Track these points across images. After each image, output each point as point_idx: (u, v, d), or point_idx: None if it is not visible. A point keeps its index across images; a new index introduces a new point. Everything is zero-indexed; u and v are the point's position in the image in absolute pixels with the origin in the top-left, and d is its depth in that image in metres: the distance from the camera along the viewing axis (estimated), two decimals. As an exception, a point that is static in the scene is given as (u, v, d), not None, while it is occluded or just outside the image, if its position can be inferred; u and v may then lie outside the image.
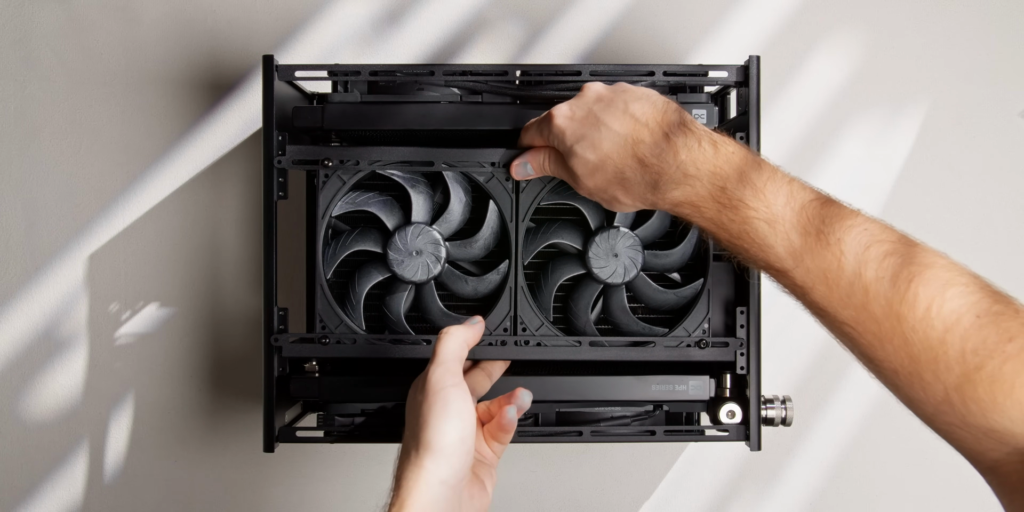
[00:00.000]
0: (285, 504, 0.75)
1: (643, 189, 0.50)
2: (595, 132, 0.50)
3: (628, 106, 0.50)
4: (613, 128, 0.50)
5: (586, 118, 0.51)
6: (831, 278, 0.44)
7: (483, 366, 0.58)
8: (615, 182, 0.51)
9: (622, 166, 0.49)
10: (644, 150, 0.49)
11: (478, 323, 0.54)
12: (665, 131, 0.49)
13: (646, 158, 0.49)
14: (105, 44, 0.75)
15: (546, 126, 0.53)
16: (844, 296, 0.44)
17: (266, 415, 0.58)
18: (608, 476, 0.75)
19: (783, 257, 0.46)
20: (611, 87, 0.52)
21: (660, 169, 0.48)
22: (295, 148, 0.58)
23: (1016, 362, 0.39)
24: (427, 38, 0.75)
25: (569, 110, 0.52)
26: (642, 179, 0.49)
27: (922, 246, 0.44)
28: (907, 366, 0.42)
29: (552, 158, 0.55)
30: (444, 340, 0.50)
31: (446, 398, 0.47)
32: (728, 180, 0.47)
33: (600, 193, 0.52)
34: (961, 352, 0.40)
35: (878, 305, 0.42)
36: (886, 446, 0.75)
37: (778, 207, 0.46)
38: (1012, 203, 0.75)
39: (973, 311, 0.40)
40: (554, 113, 0.52)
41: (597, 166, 0.50)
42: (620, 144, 0.49)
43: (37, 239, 0.75)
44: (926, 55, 0.76)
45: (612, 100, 0.51)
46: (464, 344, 0.51)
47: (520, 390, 0.51)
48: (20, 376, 0.75)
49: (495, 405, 0.52)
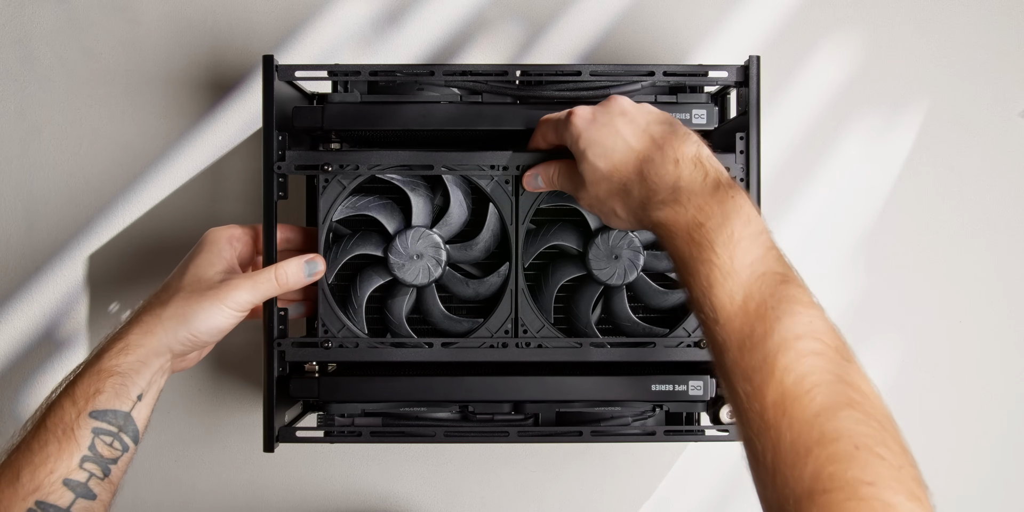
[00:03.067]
0: (285, 504, 0.75)
1: (636, 205, 0.50)
2: (611, 141, 0.51)
3: (649, 126, 0.51)
4: (630, 142, 0.51)
5: (606, 126, 0.52)
6: (747, 348, 0.43)
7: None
8: (617, 194, 0.51)
9: (627, 179, 0.50)
10: (649, 168, 0.49)
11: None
12: (676, 157, 0.49)
13: (648, 175, 0.49)
14: (105, 44, 0.75)
15: (564, 126, 0.53)
16: (750, 370, 0.42)
17: (266, 415, 0.58)
18: (608, 476, 0.75)
19: (718, 309, 0.44)
20: (638, 105, 0.53)
21: (656, 187, 0.49)
22: (295, 153, 0.58)
23: (859, 505, 0.37)
24: (427, 38, 0.75)
25: (591, 115, 0.53)
26: (639, 194, 0.50)
27: (855, 365, 0.42)
28: (771, 458, 0.40)
29: (561, 171, 0.55)
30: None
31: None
32: (711, 219, 0.46)
33: (600, 205, 0.53)
34: (818, 471, 0.38)
35: (774, 392, 0.41)
36: (886, 446, 0.75)
37: (741, 264, 0.45)
38: (1012, 203, 0.75)
39: (856, 442, 0.39)
40: (576, 114, 0.53)
41: (605, 176, 0.51)
42: (632, 158, 0.50)
43: (37, 239, 0.75)
44: (926, 55, 0.76)
45: (635, 117, 0.52)
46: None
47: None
48: (20, 376, 0.75)
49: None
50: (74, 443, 0.47)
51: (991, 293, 0.75)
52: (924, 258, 0.75)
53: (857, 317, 0.75)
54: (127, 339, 0.51)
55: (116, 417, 0.49)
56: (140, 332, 0.51)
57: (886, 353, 0.75)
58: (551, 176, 0.56)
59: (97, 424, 0.48)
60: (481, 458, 0.75)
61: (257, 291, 0.54)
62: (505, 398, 0.59)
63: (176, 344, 0.52)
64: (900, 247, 0.75)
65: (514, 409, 0.61)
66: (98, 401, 0.49)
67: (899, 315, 0.75)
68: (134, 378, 0.50)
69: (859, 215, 0.75)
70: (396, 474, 0.75)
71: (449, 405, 0.61)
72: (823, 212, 0.75)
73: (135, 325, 0.52)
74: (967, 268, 0.75)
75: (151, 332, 0.51)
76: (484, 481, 0.75)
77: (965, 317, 0.75)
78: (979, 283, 0.75)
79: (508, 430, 0.59)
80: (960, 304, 0.75)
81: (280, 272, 0.55)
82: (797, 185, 0.75)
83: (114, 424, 0.49)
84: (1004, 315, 0.75)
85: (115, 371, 0.50)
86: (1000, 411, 0.75)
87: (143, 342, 0.51)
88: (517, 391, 0.59)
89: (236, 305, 0.53)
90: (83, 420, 0.48)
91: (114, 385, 0.49)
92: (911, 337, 0.75)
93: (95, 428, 0.48)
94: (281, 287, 0.55)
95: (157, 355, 0.51)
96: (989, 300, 0.75)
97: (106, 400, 0.49)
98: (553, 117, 0.55)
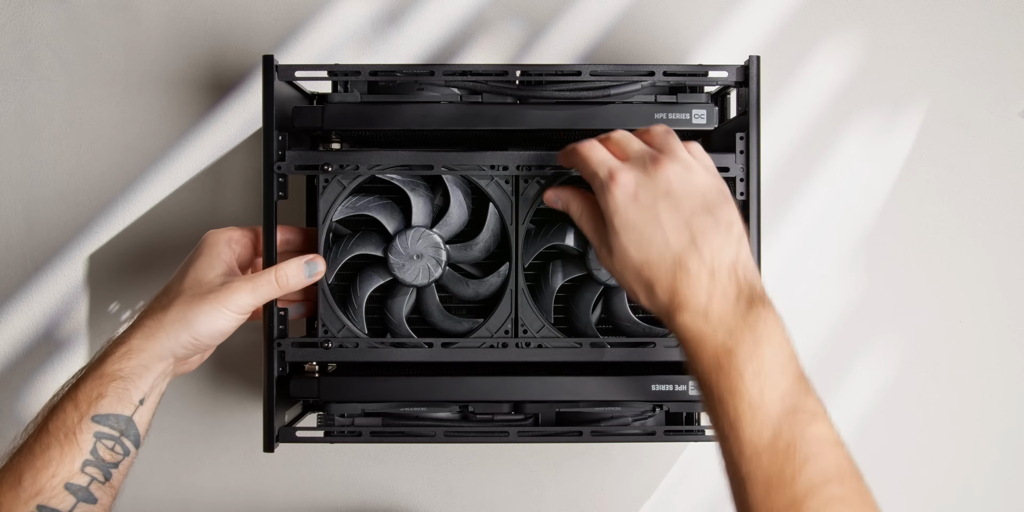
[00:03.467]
0: (285, 504, 0.75)
1: (661, 305, 0.48)
2: (649, 232, 0.47)
3: (693, 217, 0.47)
4: (668, 238, 0.47)
5: (647, 210, 0.48)
6: (774, 488, 0.43)
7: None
8: (642, 285, 0.49)
9: (656, 278, 0.47)
10: (683, 277, 0.47)
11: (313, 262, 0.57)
12: (713, 267, 0.46)
13: (680, 284, 0.47)
14: (105, 44, 0.75)
15: (603, 189, 0.49)
16: (771, 504, 0.43)
17: (266, 415, 0.58)
18: (608, 476, 0.75)
19: (744, 443, 0.44)
20: (686, 178, 0.48)
21: (686, 300, 0.46)
22: (295, 153, 0.58)
23: None
24: (427, 38, 0.75)
25: (634, 186, 0.48)
26: (665, 298, 0.47)
27: (872, 507, 0.43)
28: None
29: (589, 216, 0.52)
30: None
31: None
32: (741, 346, 0.45)
33: (619, 278, 0.50)
34: None
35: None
36: (886, 446, 0.75)
37: (772, 398, 0.44)
38: (1012, 203, 0.75)
39: None
40: (618, 183, 0.48)
41: (634, 265, 0.48)
42: (667, 259, 0.47)
43: (37, 239, 0.75)
44: (926, 55, 0.76)
45: (680, 202, 0.48)
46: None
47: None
48: (20, 376, 0.75)
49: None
50: (76, 447, 0.47)
51: (991, 293, 0.75)
52: (924, 258, 0.75)
53: (857, 317, 0.75)
54: (129, 343, 0.51)
55: (118, 421, 0.49)
56: (142, 336, 0.51)
57: (886, 353, 0.75)
58: (577, 214, 0.53)
59: (99, 428, 0.48)
60: (481, 458, 0.75)
61: (257, 293, 0.54)
62: (505, 398, 0.59)
63: (179, 348, 0.52)
64: (900, 247, 0.75)
65: (514, 409, 0.61)
66: (100, 405, 0.49)
67: (899, 315, 0.75)
68: (136, 382, 0.50)
69: (859, 215, 0.75)
70: (396, 474, 0.75)
71: (449, 405, 0.61)
72: (823, 212, 0.75)
73: (137, 329, 0.52)
74: (967, 268, 0.75)
75: (153, 336, 0.51)
76: (484, 481, 0.75)
77: (965, 317, 0.75)
78: (979, 283, 0.75)
79: (508, 430, 0.59)
80: (960, 304, 0.75)
81: (280, 273, 0.55)
82: (797, 185, 0.75)
83: (116, 428, 0.49)
84: (1004, 315, 0.75)
85: (118, 375, 0.50)
86: (1000, 411, 0.75)
87: (145, 346, 0.51)
88: (517, 391, 0.59)
89: (237, 307, 0.53)
90: (85, 424, 0.48)
91: (116, 389, 0.49)
92: (911, 337, 0.75)
93: (97, 432, 0.48)
94: (281, 288, 0.55)
95: (160, 359, 0.51)
96: (989, 300, 0.75)
97: (108, 404, 0.49)
98: (592, 160, 0.50)
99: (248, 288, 0.53)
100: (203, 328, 0.52)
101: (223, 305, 0.52)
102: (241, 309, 0.53)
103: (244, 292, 0.53)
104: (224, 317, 0.53)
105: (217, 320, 0.52)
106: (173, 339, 0.52)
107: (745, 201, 0.58)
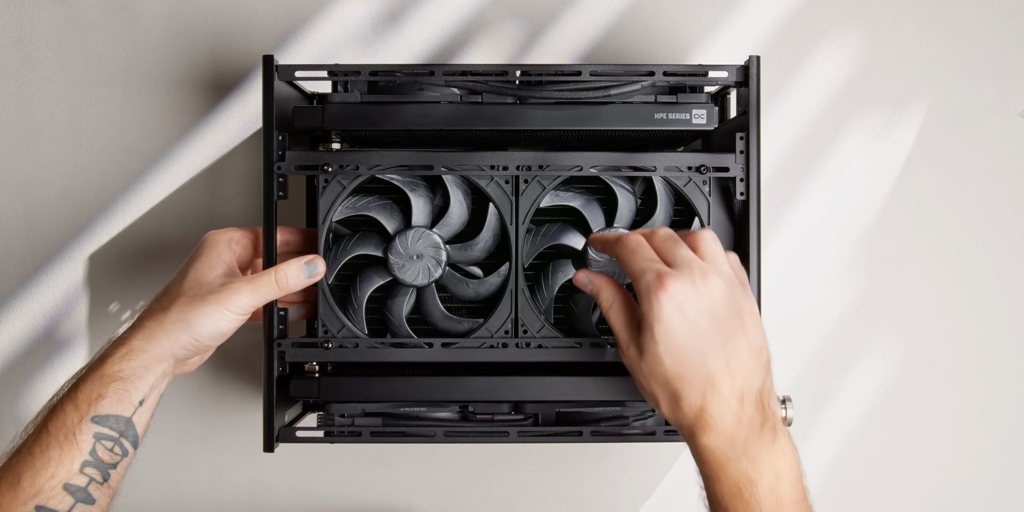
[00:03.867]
0: (285, 504, 0.75)
1: (684, 419, 0.48)
2: (688, 347, 0.47)
3: (732, 341, 0.48)
4: (706, 358, 0.47)
5: (692, 324, 0.47)
6: None
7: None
8: (667, 394, 0.48)
9: (683, 392, 0.47)
10: (713, 397, 0.47)
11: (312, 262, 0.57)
12: (743, 392, 0.47)
13: (709, 405, 0.47)
14: (105, 44, 0.75)
15: (648, 291, 0.48)
16: None
17: (266, 415, 0.58)
18: (608, 476, 0.75)
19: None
20: (732, 298, 0.48)
21: (712, 421, 0.47)
22: (295, 153, 0.58)
23: None
24: (427, 38, 0.75)
25: (682, 298, 0.47)
26: (690, 414, 0.47)
27: None
28: None
29: (621, 308, 0.51)
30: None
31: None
32: (763, 477, 0.46)
33: (641, 381, 0.50)
34: None
35: None
36: (886, 446, 0.75)
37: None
38: (1012, 203, 0.75)
39: None
40: (667, 287, 0.47)
41: (663, 374, 0.48)
42: (701, 376, 0.47)
43: (37, 239, 0.75)
44: (926, 55, 0.76)
45: (722, 324, 0.47)
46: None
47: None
48: (20, 376, 0.75)
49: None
50: (75, 448, 0.48)
51: (991, 293, 0.75)
52: (924, 258, 0.75)
53: (857, 317, 0.75)
54: (130, 344, 0.51)
55: (118, 422, 0.49)
56: (143, 337, 0.51)
57: (886, 353, 0.75)
58: (607, 304, 0.52)
59: (99, 429, 0.48)
60: (481, 458, 0.75)
61: (258, 294, 0.54)
62: (505, 398, 0.59)
63: (179, 349, 0.52)
64: (900, 247, 0.75)
65: (514, 409, 0.61)
66: (100, 406, 0.49)
67: (899, 315, 0.75)
68: (136, 383, 0.50)
69: (859, 215, 0.75)
70: (396, 474, 0.75)
71: (449, 405, 0.61)
72: (823, 212, 0.75)
73: (138, 330, 0.52)
74: (967, 268, 0.75)
75: (154, 337, 0.51)
76: (484, 481, 0.75)
77: (965, 317, 0.75)
78: (979, 283, 0.75)
79: (508, 430, 0.59)
80: (960, 304, 0.75)
81: (280, 274, 0.55)
82: (797, 185, 0.75)
83: (115, 429, 0.49)
84: (1004, 315, 0.75)
85: (118, 376, 0.50)
86: (1000, 411, 0.75)
87: (146, 347, 0.51)
88: (517, 391, 0.59)
89: (238, 308, 0.53)
90: (85, 425, 0.48)
91: (117, 390, 0.49)
92: (911, 337, 0.75)
93: (97, 433, 0.48)
94: (282, 289, 0.55)
95: (160, 360, 0.51)
96: (989, 300, 0.75)
97: (108, 405, 0.49)
98: (640, 258, 0.50)
99: (249, 289, 0.53)
100: (203, 329, 0.52)
101: (223, 306, 0.52)
102: (241, 310, 0.53)
103: (245, 293, 0.53)
104: (225, 318, 0.53)
105: (217, 321, 0.52)
106: (173, 340, 0.52)
107: (745, 201, 0.58)
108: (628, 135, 0.60)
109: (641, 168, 0.58)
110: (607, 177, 0.59)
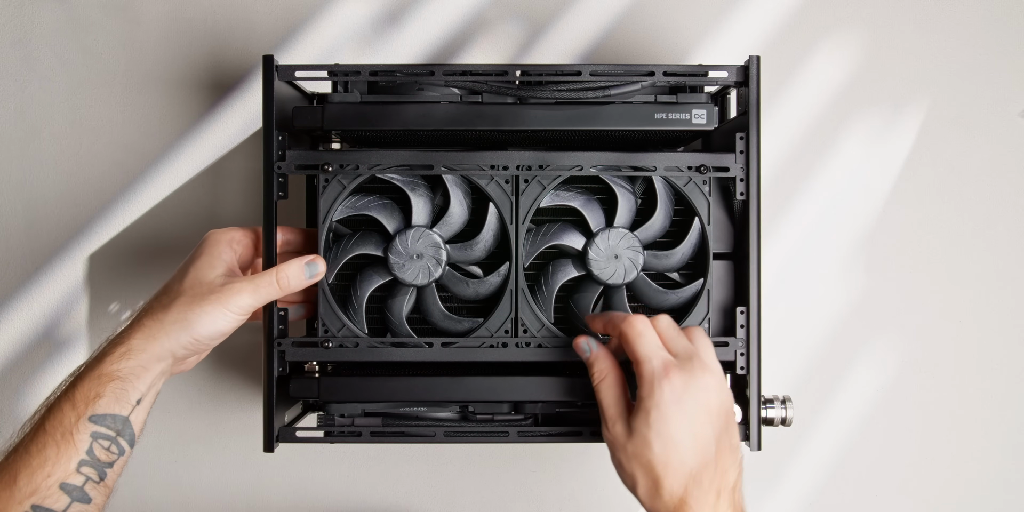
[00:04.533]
0: (285, 504, 0.75)
1: (662, 509, 0.50)
2: (680, 437, 0.50)
3: (718, 438, 0.51)
4: (696, 451, 0.50)
5: (687, 417, 0.50)
6: None
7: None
8: (648, 478, 0.51)
9: (667, 482, 0.50)
10: (694, 489, 0.49)
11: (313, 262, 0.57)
12: (719, 487, 0.50)
13: (688, 496, 0.49)
14: (105, 44, 0.75)
15: (650, 379, 0.51)
16: None
17: (266, 415, 0.58)
18: (608, 476, 0.75)
19: None
20: (720, 395, 0.51)
21: (682, 503, 0.49)
22: (295, 153, 0.58)
23: None
24: (427, 38, 0.75)
25: (682, 391, 0.50)
26: (669, 502, 0.50)
27: None
28: None
29: (612, 383, 0.54)
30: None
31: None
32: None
33: (621, 460, 0.52)
34: None
35: None
36: (886, 446, 0.75)
37: None
38: (1012, 203, 0.75)
39: None
40: (671, 378, 0.50)
41: (649, 459, 0.50)
42: (685, 468, 0.49)
43: (37, 239, 0.75)
44: (926, 55, 0.76)
45: (713, 420, 0.51)
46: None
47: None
48: (20, 376, 0.75)
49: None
50: (72, 447, 0.47)
51: (991, 293, 0.75)
52: (924, 258, 0.75)
53: (857, 317, 0.75)
54: (129, 343, 0.51)
55: (115, 422, 0.49)
56: (142, 337, 0.51)
57: (886, 353, 0.75)
58: (599, 377, 0.54)
59: (96, 428, 0.48)
60: (481, 458, 0.75)
61: (259, 294, 0.54)
62: (505, 398, 0.59)
63: (179, 348, 0.52)
64: (900, 247, 0.75)
65: (514, 409, 0.61)
66: (98, 405, 0.49)
67: (899, 315, 0.75)
68: (135, 383, 0.50)
69: (859, 215, 0.75)
70: (396, 474, 0.75)
71: (449, 405, 0.61)
72: (823, 212, 0.75)
73: (137, 329, 0.52)
74: (967, 268, 0.75)
75: (154, 337, 0.51)
76: (484, 481, 0.75)
77: (966, 317, 0.75)
78: (979, 283, 0.75)
79: (508, 430, 0.59)
80: (961, 304, 0.75)
81: (281, 274, 0.55)
82: (797, 185, 0.75)
83: (113, 428, 0.49)
84: (1004, 315, 0.75)
85: (116, 376, 0.50)
86: (1001, 411, 0.75)
87: (145, 347, 0.51)
88: (517, 391, 0.59)
89: (238, 308, 0.53)
90: (82, 424, 0.48)
91: (114, 390, 0.49)
92: (911, 337, 0.75)
93: (94, 432, 0.48)
94: (283, 289, 0.55)
95: (159, 360, 0.51)
96: (989, 300, 0.75)
97: (106, 404, 0.49)
98: (646, 344, 0.52)
99: (249, 289, 0.53)
100: (204, 329, 0.52)
101: (224, 306, 0.52)
102: (242, 310, 0.53)
103: (245, 293, 0.53)
104: (225, 318, 0.53)
105: (218, 321, 0.52)
106: (173, 340, 0.52)
107: (745, 201, 0.58)
108: (628, 135, 0.60)
109: (641, 168, 0.58)
110: (607, 177, 0.59)
